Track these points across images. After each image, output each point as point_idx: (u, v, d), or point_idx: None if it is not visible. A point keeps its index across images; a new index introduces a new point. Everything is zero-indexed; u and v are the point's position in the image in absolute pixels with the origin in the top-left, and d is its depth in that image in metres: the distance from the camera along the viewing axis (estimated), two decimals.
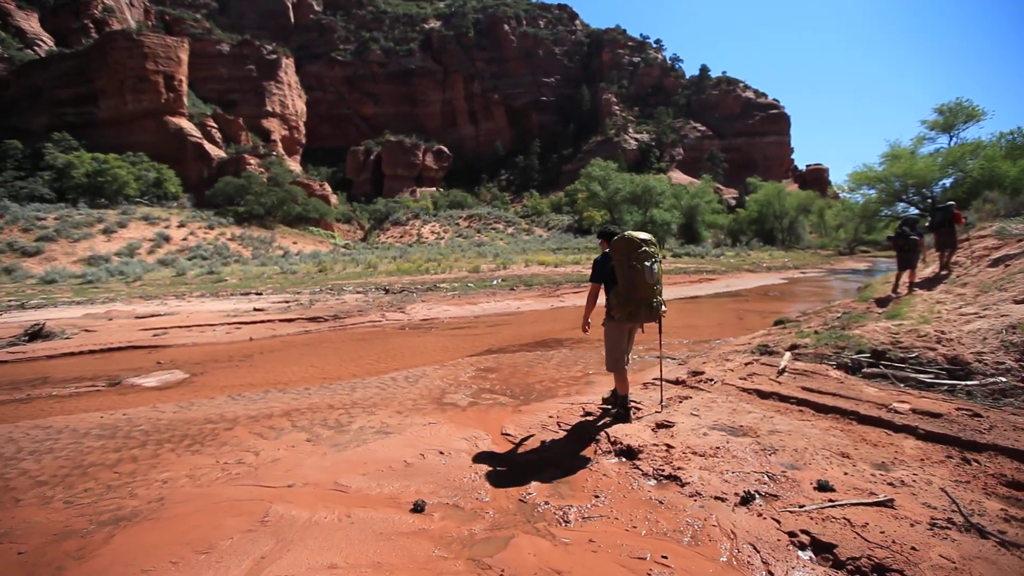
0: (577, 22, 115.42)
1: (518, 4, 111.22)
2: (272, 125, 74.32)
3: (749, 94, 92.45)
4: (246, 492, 3.48)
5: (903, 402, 4.11)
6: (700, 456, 3.44)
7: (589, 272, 25.80)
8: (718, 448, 3.55)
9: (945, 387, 4.41)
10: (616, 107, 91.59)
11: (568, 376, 6.71)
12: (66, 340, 10.38)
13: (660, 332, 4.77)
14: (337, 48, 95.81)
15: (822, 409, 4.26)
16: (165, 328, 11.35)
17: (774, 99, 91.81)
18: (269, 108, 73.93)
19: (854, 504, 2.68)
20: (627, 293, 4.15)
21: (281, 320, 12.33)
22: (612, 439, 3.90)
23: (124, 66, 50.56)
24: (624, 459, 3.64)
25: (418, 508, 3.06)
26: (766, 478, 3.10)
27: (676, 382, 5.63)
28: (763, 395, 4.79)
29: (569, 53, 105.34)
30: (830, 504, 2.70)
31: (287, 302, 15.14)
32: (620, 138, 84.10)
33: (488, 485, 3.37)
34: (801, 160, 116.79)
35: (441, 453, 3.96)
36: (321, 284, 22.27)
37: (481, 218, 70.72)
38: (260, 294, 17.49)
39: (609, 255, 4.31)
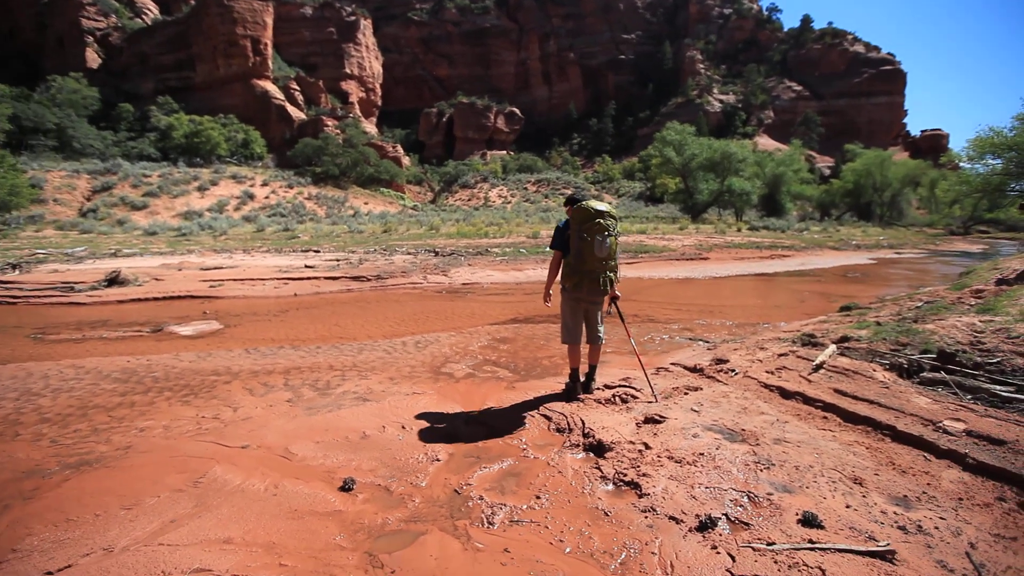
0: None
1: None
2: (350, 87, 76.38)
3: (858, 48, 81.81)
4: (202, 448, 3.48)
5: (959, 420, 3.31)
6: (676, 462, 2.96)
7: (650, 242, 24.25)
8: (702, 455, 3.04)
9: None
10: (701, 65, 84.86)
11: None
12: (137, 287, 11.33)
13: (621, 318, 4.61)
14: (413, 8, 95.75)
15: (851, 418, 3.56)
16: (222, 280, 12.09)
17: (888, 53, 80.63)
18: (348, 70, 75.86)
19: (840, 550, 2.12)
20: (575, 264, 4.02)
21: (327, 278, 12.72)
22: (586, 430, 3.48)
23: (216, 31, 53.63)
24: (592, 455, 3.23)
25: (346, 487, 2.87)
26: (744, 499, 2.58)
27: (693, 369, 5.03)
28: (786, 394, 4.11)
29: (652, 6, 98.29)
30: (808, 545, 2.16)
31: (338, 261, 15.64)
32: (703, 100, 78.16)
33: (431, 469, 3.12)
34: (916, 125, 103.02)
35: (403, 427, 3.76)
36: (380, 244, 22.87)
37: (549, 183, 69.43)
38: (318, 251, 18.23)
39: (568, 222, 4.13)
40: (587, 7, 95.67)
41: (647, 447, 3.17)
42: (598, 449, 3.24)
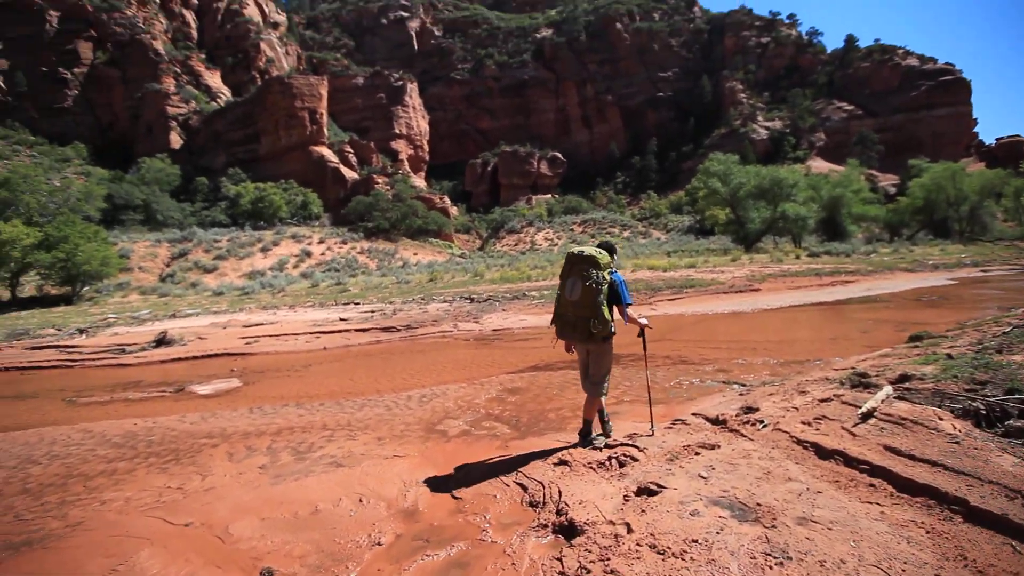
0: (696, 8, 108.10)
1: (631, 0, 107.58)
2: (399, 146, 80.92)
3: (911, 61, 77.80)
4: (146, 526, 3.21)
5: None
6: (659, 554, 2.34)
7: (698, 275, 23.15)
8: (695, 542, 2.40)
9: None
10: (742, 95, 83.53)
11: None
12: (180, 347, 11.81)
13: (643, 347, 4.50)
14: (455, 68, 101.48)
15: (906, 486, 2.78)
16: (258, 337, 12.40)
17: (946, 63, 75.98)
18: (396, 130, 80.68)
19: None
20: (556, 306, 4.11)
21: (357, 330, 12.78)
22: (560, 505, 2.91)
23: (278, 107, 58.92)
24: (561, 538, 2.66)
25: None
26: None
27: (715, 421, 4.32)
28: (823, 452, 3.34)
29: (687, 44, 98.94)
30: None
31: (373, 312, 15.80)
32: (747, 128, 76.40)
33: (367, 556, 2.66)
34: (990, 133, 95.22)
35: (360, 500, 3.33)
36: (423, 293, 23.12)
37: (596, 222, 69.25)
38: (358, 304, 18.60)
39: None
40: (622, 51, 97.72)
41: (629, 530, 2.56)
42: (569, 531, 2.67)
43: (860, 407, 3.90)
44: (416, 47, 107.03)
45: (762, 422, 4.08)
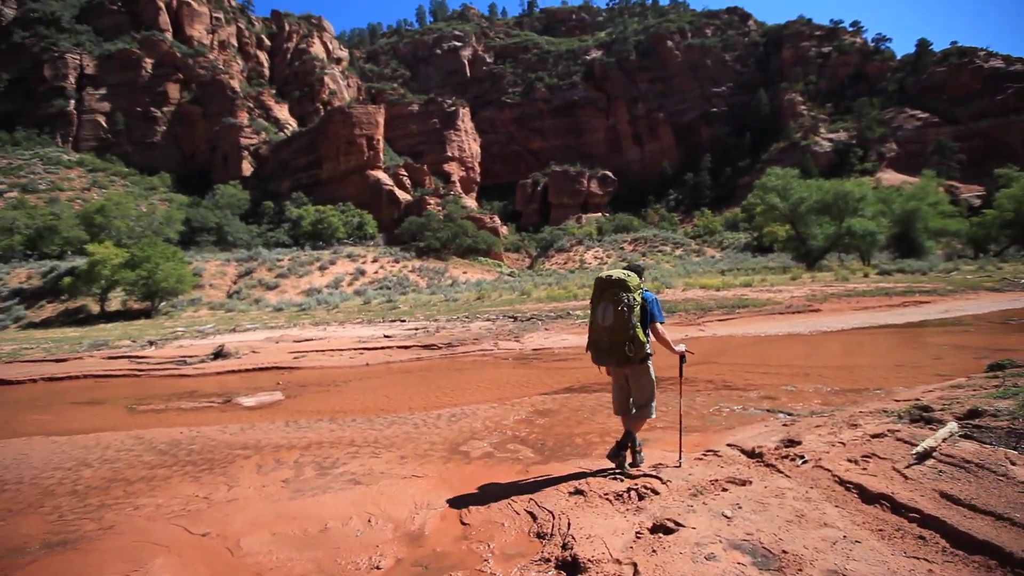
0: (751, 22, 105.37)
1: (682, 17, 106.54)
2: (451, 168, 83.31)
3: (995, 63, 71.71)
4: (168, 534, 3.33)
5: None
6: None
7: (753, 295, 22.10)
8: None
9: None
10: (802, 107, 80.00)
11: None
12: (235, 360, 12.48)
13: (680, 375, 4.38)
14: (507, 92, 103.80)
15: (963, 542, 2.41)
16: (306, 352, 12.90)
17: None
18: (449, 154, 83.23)
19: None
20: (589, 333, 4.06)
21: (399, 347, 13.03)
22: (566, 540, 2.74)
23: (339, 135, 62.38)
24: (562, 573, 2.50)
25: None
26: None
27: (751, 454, 3.99)
28: (867, 496, 2.98)
29: (742, 58, 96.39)
30: None
31: (417, 330, 16.09)
32: (808, 141, 72.87)
33: None
34: None
35: (369, 521, 3.31)
36: (469, 311, 23.36)
37: (647, 240, 67.96)
38: (404, 321, 19.02)
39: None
40: (673, 68, 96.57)
41: (635, 572, 2.36)
42: (572, 568, 2.50)
43: (917, 445, 3.48)
44: (468, 74, 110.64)
45: (802, 457, 3.72)
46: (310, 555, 2.91)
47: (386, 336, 14.70)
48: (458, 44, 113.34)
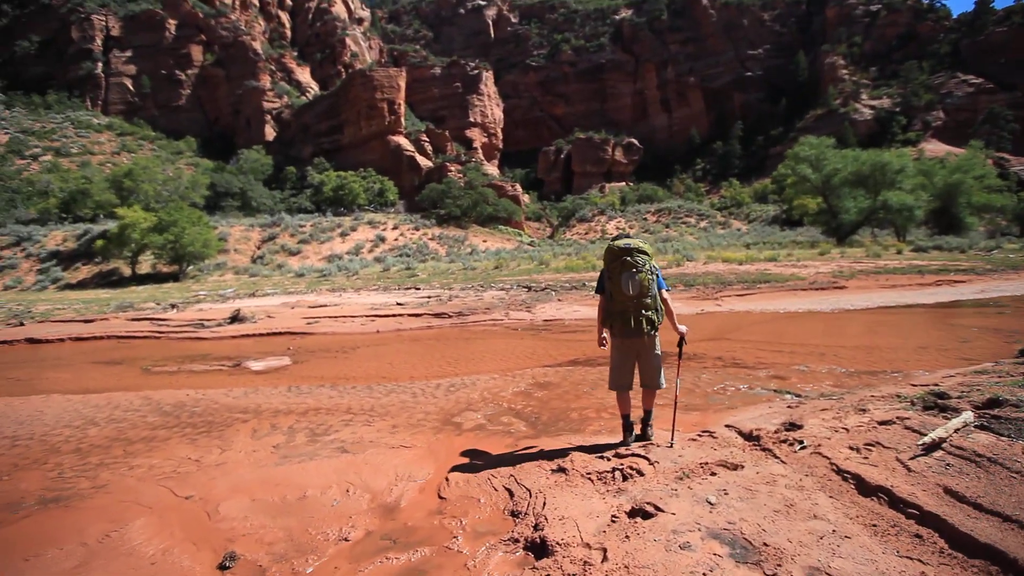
0: None
1: None
2: (474, 134, 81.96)
3: None
4: (154, 495, 3.39)
5: None
6: None
7: (776, 270, 21.46)
8: None
9: None
10: (844, 71, 75.47)
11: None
12: (251, 324, 12.71)
13: (679, 356, 4.03)
14: (531, 55, 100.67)
15: (963, 544, 2.22)
16: (319, 318, 13.07)
17: None
18: (471, 119, 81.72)
19: None
20: (608, 305, 3.89)
21: (410, 315, 13.07)
22: (539, 521, 2.66)
23: (360, 99, 61.69)
24: (529, 556, 2.42)
25: (224, 565, 2.49)
26: None
27: (748, 436, 3.83)
28: (864, 488, 2.80)
29: (781, 17, 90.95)
30: None
31: (430, 298, 16.12)
32: (848, 108, 69.10)
33: (330, 551, 2.60)
34: None
35: (347, 491, 3.29)
36: (486, 280, 23.26)
37: (671, 211, 66.26)
38: (419, 289, 19.09)
39: None
40: (707, 29, 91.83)
41: (604, 557, 2.27)
42: (539, 550, 2.42)
43: (925, 435, 3.26)
44: (492, 35, 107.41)
45: (801, 442, 3.54)
46: (283, 523, 2.90)
47: (398, 304, 14.77)
48: (482, 3, 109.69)
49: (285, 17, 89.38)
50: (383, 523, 2.90)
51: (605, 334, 4.05)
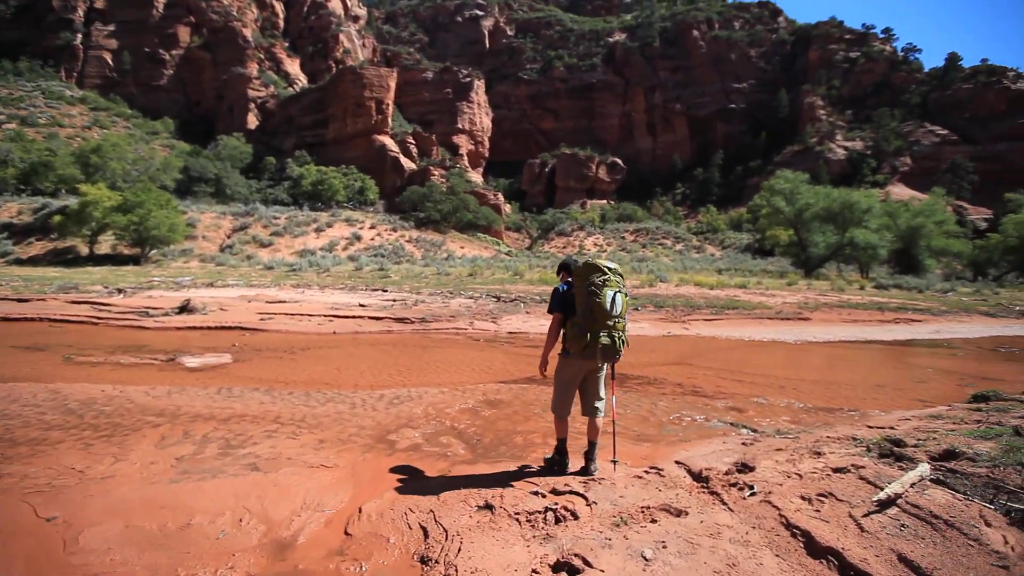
0: (780, 19, 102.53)
1: (711, 7, 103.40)
2: (460, 141, 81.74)
3: (1022, 85, 69.97)
4: (11, 515, 2.92)
5: None
6: None
7: (745, 297, 21.61)
8: None
9: None
10: (822, 111, 78.26)
11: (574, 428, 4.97)
12: (201, 316, 12.02)
13: (611, 376, 3.96)
14: (524, 68, 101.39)
15: None
16: (274, 314, 12.45)
17: None
18: (459, 125, 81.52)
19: None
20: (584, 324, 3.58)
21: (371, 318, 12.58)
22: (448, 572, 2.31)
23: (348, 95, 60.90)
24: None
25: None
26: None
27: (697, 477, 3.56)
28: (814, 548, 2.55)
29: (767, 55, 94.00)
30: None
31: (394, 301, 15.63)
32: (823, 147, 71.52)
33: None
34: None
35: (241, 520, 2.87)
36: (456, 287, 22.80)
37: (649, 232, 67.08)
38: (385, 291, 18.55)
39: (570, 284, 3.82)
40: (696, 59, 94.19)
41: None
42: None
43: (881, 488, 3.03)
44: (487, 45, 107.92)
45: (751, 488, 3.29)
46: (150, 560, 2.47)
47: (361, 305, 14.24)
48: (480, 13, 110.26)
49: (279, 7, 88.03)
50: (269, 565, 2.50)
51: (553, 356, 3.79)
